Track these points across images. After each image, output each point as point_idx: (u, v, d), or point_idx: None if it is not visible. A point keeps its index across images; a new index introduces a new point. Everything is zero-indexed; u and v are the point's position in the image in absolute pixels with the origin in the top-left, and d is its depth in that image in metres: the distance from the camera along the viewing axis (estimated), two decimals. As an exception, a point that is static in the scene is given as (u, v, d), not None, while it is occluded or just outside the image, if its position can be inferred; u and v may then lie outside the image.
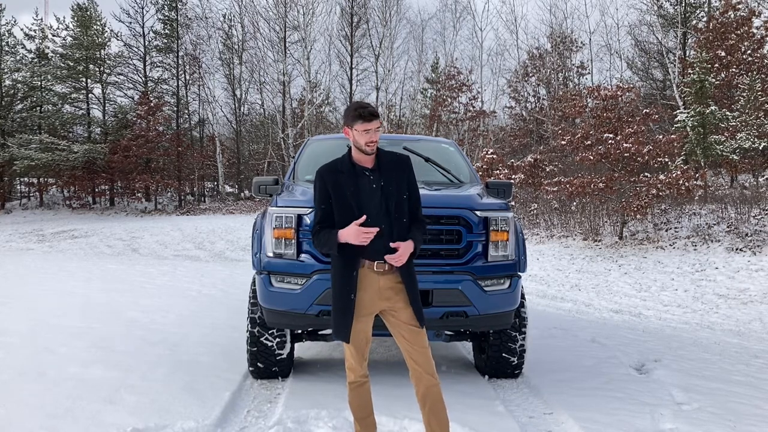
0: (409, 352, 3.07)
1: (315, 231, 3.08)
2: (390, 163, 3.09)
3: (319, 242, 3.07)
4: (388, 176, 3.05)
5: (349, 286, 2.99)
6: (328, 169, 3.10)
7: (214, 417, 3.73)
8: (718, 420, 3.86)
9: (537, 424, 3.85)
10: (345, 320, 2.99)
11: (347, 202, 3.00)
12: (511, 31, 40.45)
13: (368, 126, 2.95)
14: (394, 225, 3.02)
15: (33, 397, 4.01)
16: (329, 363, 5.22)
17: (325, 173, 3.08)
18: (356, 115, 2.96)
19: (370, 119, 2.95)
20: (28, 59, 33.13)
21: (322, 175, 3.09)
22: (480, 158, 20.71)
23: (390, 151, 3.16)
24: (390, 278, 3.04)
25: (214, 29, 34.56)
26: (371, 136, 2.97)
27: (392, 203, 3.02)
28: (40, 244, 19.15)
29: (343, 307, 2.99)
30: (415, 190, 3.16)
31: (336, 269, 3.04)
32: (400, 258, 2.97)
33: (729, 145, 16.83)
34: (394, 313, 3.05)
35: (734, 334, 7.26)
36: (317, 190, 3.08)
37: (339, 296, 3.01)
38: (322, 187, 3.06)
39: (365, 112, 2.96)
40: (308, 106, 32.47)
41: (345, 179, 3.03)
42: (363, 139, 2.97)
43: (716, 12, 23.40)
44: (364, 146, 2.98)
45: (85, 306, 7.64)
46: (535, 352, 5.42)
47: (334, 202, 3.02)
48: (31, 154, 28.17)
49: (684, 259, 11.99)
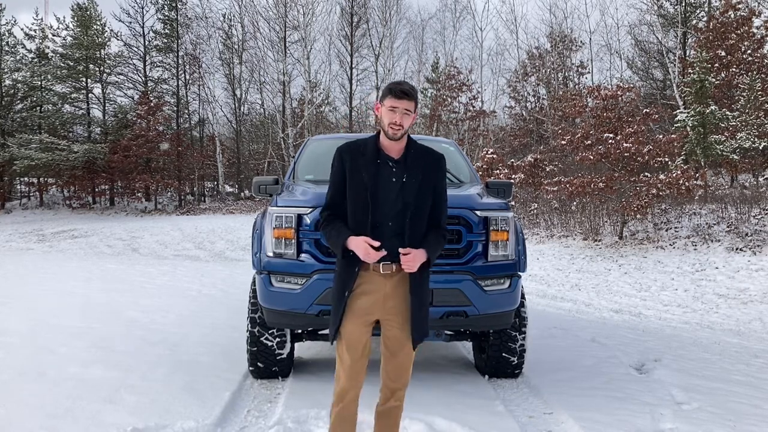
0: (387, 369, 2.82)
1: (325, 218, 2.78)
2: (420, 158, 2.76)
3: (328, 236, 2.77)
4: (414, 172, 2.71)
5: (346, 284, 2.71)
6: (349, 148, 2.78)
7: (214, 417, 3.73)
8: (718, 420, 3.86)
9: (537, 424, 3.84)
10: (334, 319, 2.74)
11: (361, 191, 2.69)
12: (511, 31, 40.51)
13: (396, 103, 2.63)
14: (408, 227, 2.69)
15: (33, 397, 4.01)
16: (329, 363, 5.21)
17: (345, 152, 2.76)
18: (388, 89, 2.68)
19: (400, 96, 2.63)
20: (28, 59, 33.15)
21: (341, 153, 2.77)
22: (480, 158, 20.71)
23: (425, 146, 2.82)
24: (399, 285, 2.72)
25: (214, 29, 34.60)
26: (397, 116, 2.64)
27: (411, 202, 2.69)
28: (40, 244, 19.15)
29: (336, 305, 2.74)
30: (441, 194, 2.80)
31: (339, 264, 2.77)
32: (411, 262, 2.63)
33: (729, 145, 16.83)
34: (386, 324, 2.76)
35: (734, 334, 7.26)
36: (333, 169, 2.77)
37: (335, 293, 2.76)
38: (339, 167, 2.75)
39: (397, 87, 2.65)
40: (308, 105, 32.47)
41: (365, 163, 2.71)
42: (387, 118, 2.66)
43: (716, 12, 23.41)
44: (386, 127, 2.67)
45: (85, 306, 7.64)
46: (535, 352, 5.42)
47: (349, 188, 2.71)
48: (31, 153, 28.18)
49: (684, 259, 11.99)
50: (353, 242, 2.65)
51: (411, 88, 2.68)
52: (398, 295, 2.72)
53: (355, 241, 2.64)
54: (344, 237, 2.67)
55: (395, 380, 2.83)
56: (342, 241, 2.67)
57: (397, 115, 2.64)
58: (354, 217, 2.70)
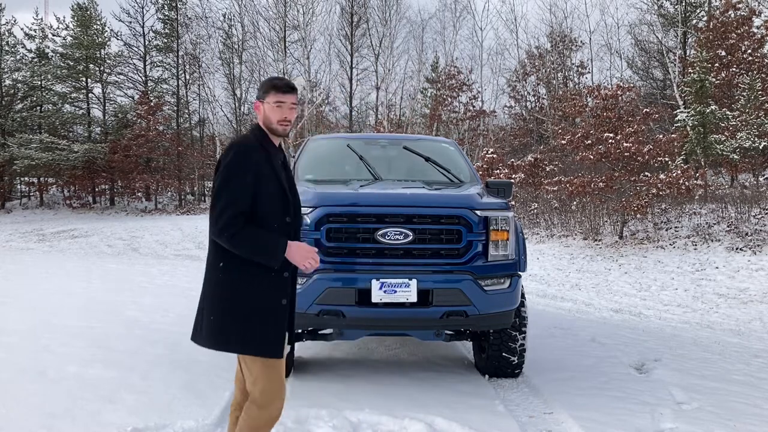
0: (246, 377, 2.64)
1: (237, 224, 2.44)
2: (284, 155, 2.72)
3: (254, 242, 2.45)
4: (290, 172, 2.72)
5: (280, 290, 2.53)
6: (252, 146, 2.54)
7: (214, 416, 3.73)
8: (718, 419, 3.86)
9: (537, 424, 3.84)
10: (277, 330, 2.51)
11: (279, 190, 2.53)
12: (511, 31, 40.48)
13: (283, 98, 2.54)
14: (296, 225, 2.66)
15: (33, 397, 4.01)
16: (329, 363, 5.22)
17: (253, 151, 2.52)
18: (271, 85, 2.58)
19: (287, 91, 2.56)
20: (28, 59, 33.13)
21: (251, 151, 2.52)
22: (480, 158, 20.70)
23: None
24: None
25: (214, 29, 34.55)
26: (285, 112, 2.55)
27: (297, 204, 2.68)
28: (41, 244, 19.14)
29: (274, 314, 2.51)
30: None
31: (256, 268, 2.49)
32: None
33: (729, 145, 16.82)
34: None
35: (734, 334, 7.25)
36: (240, 172, 2.46)
37: (265, 299, 2.50)
38: (251, 168, 2.48)
39: (281, 82, 2.58)
40: (308, 105, 32.48)
41: (274, 161, 2.56)
42: (276, 115, 2.54)
43: (716, 11, 23.39)
44: (275, 124, 2.55)
45: (85, 305, 7.64)
46: (535, 352, 5.42)
47: (264, 190, 2.49)
48: (31, 153, 28.17)
49: (684, 259, 11.98)
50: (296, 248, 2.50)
51: (293, 82, 2.64)
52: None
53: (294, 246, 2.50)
54: (284, 242, 2.49)
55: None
56: (282, 245, 2.47)
57: (285, 110, 2.55)
58: (271, 219, 2.51)
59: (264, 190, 2.49)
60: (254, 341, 2.49)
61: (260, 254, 2.47)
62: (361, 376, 4.77)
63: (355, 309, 4.05)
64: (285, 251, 2.47)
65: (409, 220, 4.10)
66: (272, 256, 2.46)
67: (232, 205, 2.44)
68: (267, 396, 2.53)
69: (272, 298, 2.52)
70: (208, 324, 2.55)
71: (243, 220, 2.45)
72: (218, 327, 2.52)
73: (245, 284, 2.51)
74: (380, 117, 31.65)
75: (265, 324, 2.50)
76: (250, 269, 2.49)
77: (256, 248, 2.46)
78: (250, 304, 2.49)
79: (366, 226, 4.09)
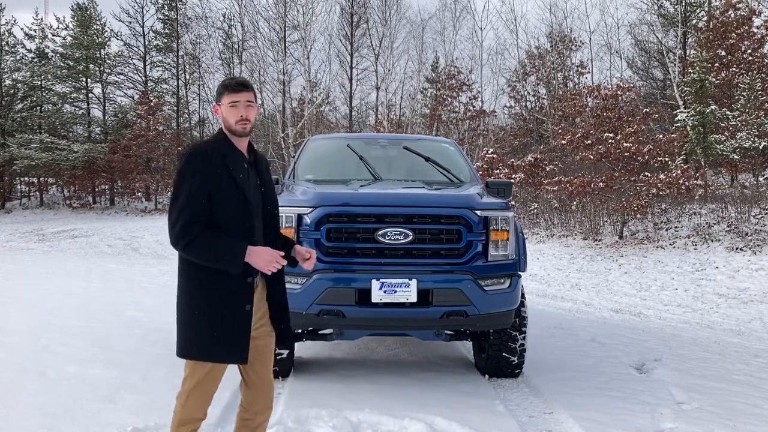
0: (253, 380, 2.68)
1: (191, 231, 2.36)
2: (261, 158, 2.66)
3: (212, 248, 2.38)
4: (263, 172, 2.63)
5: (244, 296, 2.46)
6: (205, 151, 2.46)
7: (215, 416, 3.73)
8: (718, 419, 3.86)
9: (537, 424, 3.84)
10: (241, 337, 2.46)
11: (237, 194, 2.45)
12: (511, 31, 40.48)
13: (236, 97, 2.47)
14: (267, 232, 2.61)
15: (33, 397, 4.01)
16: (329, 363, 5.22)
17: (205, 156, 2.44)
18: (223, 86, 2.51)
19: (238, 90, 2.48)
20: (28, 59, 33.14)
21: (205, 157, 2.43)
22: (480, 158, 20.70)
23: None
24: (261, 294, 2.61)
25: (214, 29, 34.54)
26: (241, 111, 2.47)
27: (268, 205, 2.61)
28: (41, 244, 19.14)
29: (235, 321, 2.44)
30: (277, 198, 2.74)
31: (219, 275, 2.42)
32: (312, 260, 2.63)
33: (729, 145, 16.81)
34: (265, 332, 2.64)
35: (734, 334, 7.25)
36: (193, 178, 2.39)
37: (229, 308, 2.44)
38: (204, 174, 2.40)
39: (232, 82, 2.51)
40: (308, 105, 32.46)
41: (231, 164, 2.46)
42: (232, 115, 2.47)
43: (716, 11, 23.39)
44: (234, 125, 2.47)
45: (85, 305, 7.64)
46: (535, 352, 5.42)
47: (221, 196, 2.41)
48: (31, 153, 28.17)
49: (684, 259, 11.98)
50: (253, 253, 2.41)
51: (246, 80, 2.55)
52: (261, 297, 2.61)
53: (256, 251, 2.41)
54: (242, 247, 2.39)
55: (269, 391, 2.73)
56: (241, 250, 2.39)
57: (240, 109, 2.47)
58: (231, 224, 2.44)
59: (219, 195, 2.41)
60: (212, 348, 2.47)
61: (218, 261, 2.40)
62: (361, 376, 4.77)
63: (355, 309, 4.05)
64: (244, 256, 2.38)
65: (409, 220, 4.10)
66: (231, 262, 2.39)
67: (184, 213, 2.38)
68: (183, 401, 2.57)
69: (235, 303, 2.45)
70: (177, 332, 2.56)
71: (198, 228, 2.37)
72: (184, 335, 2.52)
73: (207, 291, 2.45)
74: (380, 117, 31.65)
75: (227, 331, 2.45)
76: (211, 275, 2.43)
77: (212, 255, 2.39)
78: (211, 312, 2.44)
79: (366, 226, 4.09)
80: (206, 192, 2.39)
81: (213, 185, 2.40)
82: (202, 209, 2.39)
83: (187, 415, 2.56)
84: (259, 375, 2.66)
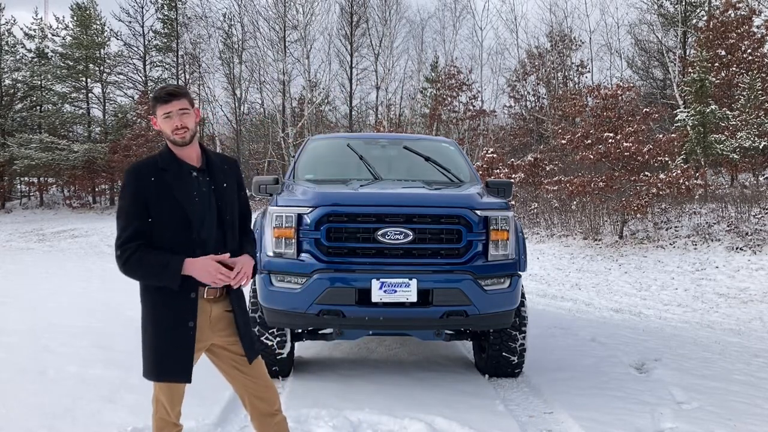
0: (250, 388, 2.57)
1: (128, 250, 2.33)
2: (219, 162, 2.58)
3: (147, 265, 2.33)
4: (219, 178, 2.53)
5: (186, 312, 2.39)
6: (145, 166, 2.43)
7: (214, 416, 3.73)
8: (718, 419, 3.86)
9: (537, 423, 3.84)
10: (184, 354, 2.40)
11: (177, 208, 2.38)
12: (511, 30, 40.47)
13: (167, 108, 2.39)
14: (228, 240, 2.50)
15: (33, 396, 4.02)
16: (329, 362, 5.21)
17: (143, 172, 2.40)
18: (153, 98, 2.43)
19: (168, 100, 2.39)
20: (28, 58, 33.15)
21: (137, 175, 2.39)
22: (480, 157, 20.69)
23: (217, 152, 2.64)
24: (221, 305, 2.50)
25: (214, 29, 34.53)
26: (175, 121, 2.39)
27: (226, 213, 2.51)
28: (41, 244, 19.14)
29: (178, 339, 2.38)
30: (246, 199, 2.67)
31: (161, 291, 2.38)
32: (247, 275, 2.47)
33: (729, 144, 16.81)
34: (227, 346, 2.54)
35: (734, 333, 7.25)
36: (129, 197, 2.38)
37: (171, 325, 2.38)
38: (138, 191, 2.37)
39: (161, 92, 2.42)
40: (308, 105, 32.46)
41: (172, 179, 2.41)
42: (168, 126, 2.40)
43: (716, 11, 23.39)
44: (171, 135, 2.40)
45: (85, 305, 7.64)
46: (536, 352, 5.42)
47: (158, 211, 2.37)
48: (31, 153, 28.18)
49: (684, 258, 11.98)
50: (192, 265, 2.34)
51: (177, 87, 2.47)
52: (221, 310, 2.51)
53: (195, 263, 2.34)
54: (178, 261, 2.33)
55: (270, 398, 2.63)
56: (177, 264, 2.32)
57: (174, 119, 2.40)
58: (173, 238, 2.38)
59: (155, 211, 2.37)
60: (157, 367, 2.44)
61: (154, 277, 2.36)
62: (361, 376, 4.77)
63: (355, 309, 4.05)
64: (181, 270, 2.33)
65: (409, 220, 4.10)
66: (166, 277, 2.33)
67: (122, 232, 2.36)
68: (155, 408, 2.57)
69: (178, 320, 2.39)
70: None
71: (135, 246, 2.34)
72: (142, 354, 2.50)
73: (152, 309, 2.44)
74: (380, 117, 31.65)
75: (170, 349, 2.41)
76: (155, 293, 2.41)
77: (147, 272, 2.36)
78: (156, 330, 2.42)
79: (366, 225, 4.09)
80: (143, 209, 2.36)
81: (149, 202, 2.37)
82: (141, 227, 2.35)
83: (161, 421, 2.57)
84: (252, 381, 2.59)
